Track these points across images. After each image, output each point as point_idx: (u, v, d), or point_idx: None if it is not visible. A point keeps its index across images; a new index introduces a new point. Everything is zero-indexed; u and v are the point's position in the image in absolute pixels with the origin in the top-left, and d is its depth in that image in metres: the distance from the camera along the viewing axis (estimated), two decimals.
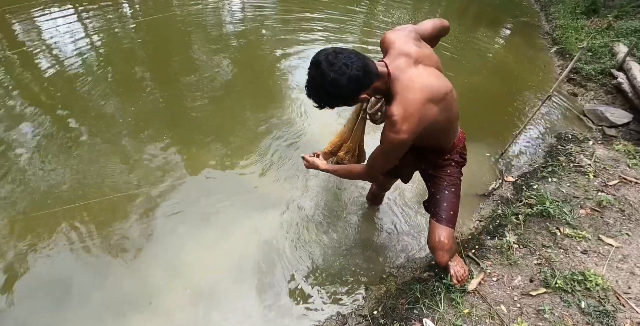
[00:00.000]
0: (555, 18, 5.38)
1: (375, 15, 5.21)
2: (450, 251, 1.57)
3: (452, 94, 1.30)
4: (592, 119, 3.15)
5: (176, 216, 2.21)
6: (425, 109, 1.19)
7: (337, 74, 1.09)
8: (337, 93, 1.14)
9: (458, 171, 1.59)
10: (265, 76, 3.60)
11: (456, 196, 1.58)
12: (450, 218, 1.55)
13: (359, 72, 1.10)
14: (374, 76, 1.16)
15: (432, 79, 1.23)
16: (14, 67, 3.45)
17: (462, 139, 1.58)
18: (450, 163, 1.56)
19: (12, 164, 2.42)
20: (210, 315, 1.79)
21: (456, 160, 1.57)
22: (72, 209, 2.19)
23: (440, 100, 1.23)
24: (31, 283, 1.85)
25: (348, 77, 1.09)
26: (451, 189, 1.57)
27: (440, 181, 1.58)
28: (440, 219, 1.55)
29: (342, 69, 1.08)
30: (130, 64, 3.59)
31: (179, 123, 2.90)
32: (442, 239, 1.53)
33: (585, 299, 1.67)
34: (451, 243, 1.55)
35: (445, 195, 1.56)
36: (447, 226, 1.54)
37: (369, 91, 1.18)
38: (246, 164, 2.57)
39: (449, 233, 1.54)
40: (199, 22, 4.48)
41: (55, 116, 2.89)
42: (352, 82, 1.11)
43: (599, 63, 3.79)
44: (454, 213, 1.56)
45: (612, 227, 2.03)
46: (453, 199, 1.56)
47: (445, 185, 1.57)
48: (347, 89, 1.13)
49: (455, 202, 1.57)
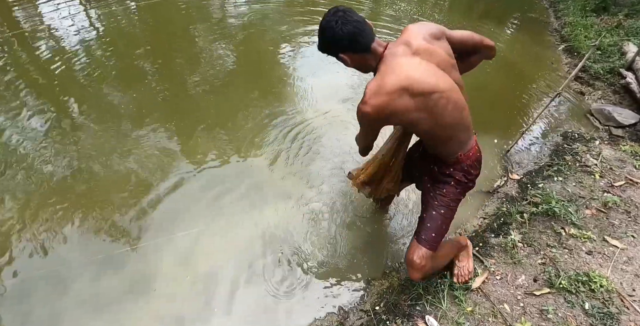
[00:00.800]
0: (564, 15, 5.29)
1: (381, 9, 5.12)
2: (422, 271, 1.46)
3: (446, 96, 1.22)
4: (599, 119, 3.12)
5: (181, 205, 2.19)
6: (396, 95, 1.17)
7: (327, 24, 1.21)
8: (321, 38, 1.26)
9: (457, 193, 1.47)
10: (268, 65, 3.54)
11: (444, 219, 1.47)
12: (431, 239, 1.44)
13: (343, 34, 1.19)
14: (358, 46, 1.23)
15: (422, 73, 1.19)
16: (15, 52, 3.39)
17: (472, 156, 1.44)
18: (449, 181, 1.46)
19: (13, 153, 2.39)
20: (211, 305, 1.77)
21: (457, 178, 1.45)
22: (74, 198, 2.17)
23: (419, 95, 1.18)
24: (34, 270, 1.84)
25: (333, 32, 1.20)
26: (440, 210, 1.46)
27: (432, 200, 1.48)
28: (419, 239, 1.45)
29: (332, 23, 1.19)
30: (133, 52, 3.53)
31: (183, 112, 2.87)
32: (415, 259, 1.43)
33: (589, 300, 1.66)
34: (424, 264, 1.44)
35: (432, 216, 1.46)
36: (424, 246, 1.44)
37: (352, 55, 1.26)
38: (252, 155, 2.54)
39: (424, 253, 1.43)
40: (201, 7, 4.39)
41: (56, 103, 2.86)
42: (331, 37, 1.22)
43: (607, 62, 3.73)
44: (435, 235, 1.45)
45: (618, 228, 2.02)
46: (439, 222, 1.45)
47: (435, 205, 1.47)
48: (327, 39, 1.25)
49: (441, 224, 1.46)
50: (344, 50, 1.25)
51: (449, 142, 1.39)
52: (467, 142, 1.42)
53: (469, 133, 1.41)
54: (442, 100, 1.22)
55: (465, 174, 1.46)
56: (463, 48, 1.41)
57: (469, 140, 1.43)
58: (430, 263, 1.47)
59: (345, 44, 1.22)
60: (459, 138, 1.38)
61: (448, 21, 4.96)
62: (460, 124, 1.34)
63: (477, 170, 1.50)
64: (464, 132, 1.38)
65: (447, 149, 1.42)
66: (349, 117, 2.85)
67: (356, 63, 1.29)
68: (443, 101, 1.22)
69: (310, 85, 3.24)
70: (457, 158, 1.42)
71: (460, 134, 1.37)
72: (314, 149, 2.61)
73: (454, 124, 1.32)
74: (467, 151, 1.43)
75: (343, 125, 2.80)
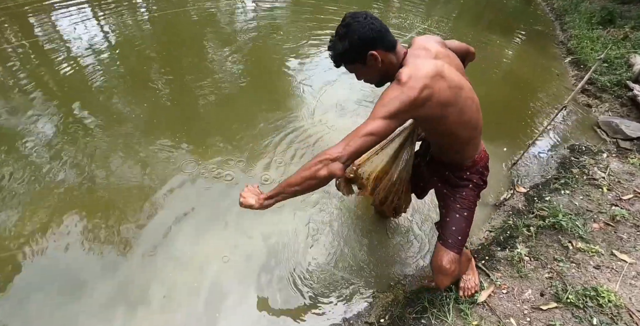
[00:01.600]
0: (570, 27, 5.33)
1: (387, 21, 5.20)
2: (452, 275, 1.48)
3: (470, 95, 1.25)
4: (606, 131, 3.11)
5: (185, 210, 2.21)
6: (434, 79, 1.12)
7: (353, 19, 1.15)
8: (349, 38, 1.15)
9: (474, 195, 1.51)
10: (275, 75, 3.60)
11: (467, 221, 1.49)
12: (457, 242, 1.46)
13: (374, 28, 1.14)
14: (387, 43, 1.18)
15: (449, 71, 1.19)
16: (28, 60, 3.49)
17: (484, 158, 1.50)
18: (467, 184, 1.48)
19: (23, 156, 2.45)
20: (213, 313, 1.78)
21: (475, 181, 1.48)
22: (81, 202, 2.21)
23: (453, 86, 1.17)
24: (41, 274, 1.87)
25: (364, 27, 1.14)
26: (463, 213, 1.48)
27: (453, 204, 1.50)
28: (446, 243, 1.47)
29: (361, 19, 1.14)
30: (143, 61, 3.61)
31: (191, 120, 2.91)
32: (444, 264, 1.44)
33: (597, 315, 1.64)
34: (453, 268, 1.46)
35: (456, 219, 1.48)
36: (452, 250, 1.45)
37: (382, 54, 1.18)
38: (257, 163, 2.56)
39: (453, 258, 1.45)
40: (211, 19, 4.50)
41: (66, 109, 2.92)
42: (362, 33, 1.14)
43: (614, 74, 3.74)
44: (461, 238, 1.47)
45: (626, 242, 2.00)
46: (463, 224, 1.48)
47: (457, 208, 1.49)
48: (356, 37, 1.15)
49: (465, 227, 1.48)
50: (375, 47, 1.17)
51: (468, 145, 1.39)
52: (480, 144, 1.47)
53: (481, 136, 1.44)
54: (469, 100, 1.24)
55: (480, 176, 1.50)
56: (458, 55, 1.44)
57: (480, 142, 1.47)
58: (458, 267, 1.49)
59: (377, 38, 1.15)
60: (476, 140, 1.41)
61: (454, 32, 5.01)
62: (478, 125, 1.36)
63: (488, 171, 1.53)
64: (479, 134, 1.41)
65: (465, 153, 1.43)
66: None
67: (384, 64, 1.20)
68: (469, 101, 1.25)
69: (319, 96, 3.29)
70: (473, 161, 1.46)
71: (477, 136, 1.40)
72: None
73: (475, 124, 1.32)
74: (480, 152, 1.47)
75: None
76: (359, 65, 1.22)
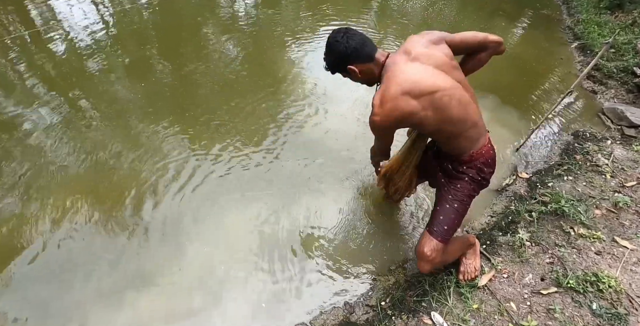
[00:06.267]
0: (577, 12, 5.19)
1: (389, 3, 5.07)
2: (432, 263, 1.49)
3: (448, 93, 1.28)
4: (611, 118, 3.07)
5: (189, 199, 2.21)
6: (400, 100, 1.26)
7: (333, 41, 1.35)
8: (331, 55, 1.39)
9: (470, 189, 1.50)
10: (275, 65, 3.53)
11: (457, 213, 1.50)
12: (442, 231, 1.48)
13: (349, 46, 1.33)
14: (363, 57, 1.35)
15: (422, 76, 1.28)
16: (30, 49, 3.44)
17: (485, 154, 1.46)
18: (463, 177, 1.48)
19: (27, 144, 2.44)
20: (217, 297, 1.79)
21: (471, 176, 1.48)
22: (83, 191, 2.20)
23: (421, 95, 1.26)
24: (48, 259, 1.89)
25: (340, 46, 1.34)
26: (453, 204, 1.49)
27: (446, 194, 1.51)
28: (431, 231, 1.49)
29: (338, 38, 1.34)
30: (143, 49, 3.55)
31: (191, 107, 2.88)
32: (425, 251, 1.47)
33: (597, 300, 1.64)
34: (434, 256, 1.47)
35: (445, 209, 1.50)
36: (435, 238, 1.47)
37: (359, 66, 1.37)
38: (259, 151, 2.54)
39: (435, 245, 1.46)
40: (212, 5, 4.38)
41: (67, 97, 2.90)
42: (338, 52, 1.35)
43: (621, 60, 3.67)
44: (447, 228, 1.48)
45: (628, 229, 1.99)
46: (452, 215, 1.49)
47: (449, 199, 1.50)
48: (335, 55, 1.37)
49: (454, 219, 1.49)
50: (352, 62, 1.36)
51: (459, 139, 1.41)
52: (478, 140, 1.44)
53: (478, 130, 1.42)
54: (445, 97, 1.28)
55: (478, 172, 1.48)
56: (469, 47, 1.44)
57: (479, 137, 1.44)
58: (440, 256, 1.50)
59: (352, 55, 1.34)
60: (468, 134, 1.40)
61: (459, 16, 4.89)
62: (467, 120, 1.36)
63: (490, 168, 1.51)
64: (472, 128, 1.39)
65: (458, 146, 1.44)
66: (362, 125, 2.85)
67: (363, 74, 1.39)
68: (446, 98, 1.28)
69: (318, 85, 3.23)
70: (470, 156, 1.44)
71: (469, 130, 1.39)
72: (321, 147, 2.60)
73: (461, 120, 1.36)
74: (479, 148, 1.44)
75: (350, 126, 2.80)
76: (344, 74, 1.45)
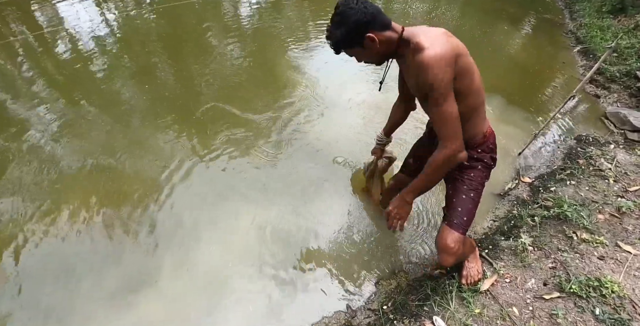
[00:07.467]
0: (580, 16, 5.20)
1: (391, 6, 5.09)
2: (456, 255, 1.49)
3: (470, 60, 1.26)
4: (614, 122, 3.07)
5: (190, 201, 2.21)
6: (449, 39, 1.19)
7: (346, 7, 1.20)
8: (344, 24, 1.21)
9: (483, 176, 1.51)
10: (278, 67, 3.55)
11: (474, 202, 1.50)
12: (462, 223, 1.48)
13: (367, 12, 1.19)
14: (382, 23, 1.23)
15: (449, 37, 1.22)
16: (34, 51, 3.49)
17: (492, 133, 1.51)
18: (477, 165, 1.49)
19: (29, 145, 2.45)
20: (219, 300, 1.79)
21: (485, 161, 1.49)
22: (85, 192, 2.21)
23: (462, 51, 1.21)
24: (46, 260, 1.89)
25: (358, 12, 1.19)
26: (470, 194, 1.49)
27: (460, 185, 1.51)
28: (451, 224, 1.49)
29: (354, 5, 1.19)
30: (147, 52, 3.59)
31: (195, 109, 2.89)
32: (449, 243, 1.47)
33: (600, 306, 1.64)
34: (457, 247, 1.48)
35: (462, 200, 1.50)
36: (457, 231, 1.47)
37: (378, 35, 1.22)
38: (258, 154, 2.55)
39: (458, 237, 1.47)
40: (215, 8, 4.41)
41: (71, 99, 2.93)
42: (356, 18, 1.19)
43: (624, 65, 3.67)
44: (467, 219, 1.49)
45: (631, 234, 1.99)
46: (469, 206, 1.49)
47: (464, 189, 1.50)
48: (352, 22, 1.20)
49: (472, 208, 1.50)
50: (370, 29, 1.22)
51: (475, 115, 1.38)
52: (485, 119, 1.46)
53: (484, 108, 1.44)
54: (470, 62, 1.26)
55: (491, 155, 1.51)
56: None
57: (485, 117, 1.46)
58: (462, 248, 1.51)
59: (371, 22, 1.21)
60: (482, 110, 1.41)
61: (461, 20, 4.91)
62: (482, 93, 1.36)
63: (496, 148, 1.54)
64: (483, 105, 1.41)
65: (474, 125, 1.42)
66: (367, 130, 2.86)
67: (382, 44, 1.24)
68: (470, 63, 1.26)
69: (321, 88, 3.25)
70: (484, 135, 1.46)
71: (482, 106, 1.40)
72: (326, 150, 2.62)
73: (481, 90, 1.35)
74: (488, 127, 1.48)
75: (354, 131, 2.81)
76: (358, 49, 1.28)
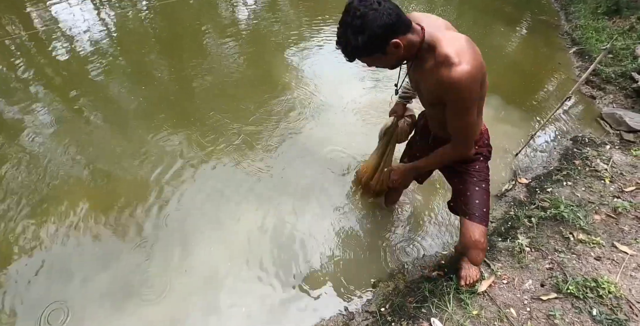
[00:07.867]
0: (575, 18, 5.24)
1: None
2: (484, 250, 1.49)
3: None
4: (610, 123, 3.08)
5: (189, 204, 2.21)
6: (475, 50, 1.08)
7: (367, 8, 1.00)
8: (368, 30, 1.01)
9: (486, 167, 1.53)
10: (275, 68, 3.55)
11: (487, 192, 1.51)
12: (484, 215, 1.47)
13: (392, 13, 1.02)
14: (407, 23, 1.07)
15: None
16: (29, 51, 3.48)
17: (487, 130, 1.52)
18: (478, 157, 1.50)
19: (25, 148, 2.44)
20: (217, 303, 1.79)
21: (484, 154, 1.51)
22: (83, 195, 2.21)
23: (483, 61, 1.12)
24: (49, 262, 1.90)
25: (383, 15, 1.00)
26: (482, 185, 1.49)
27: (470, 178, 1.50)
28: (473, 217, 1.47)
29: (375, 7, 1.00)
30: (143, 52, 3.58)
31: (193, 111, 2.89)
32: (478, 238, 1.45)
33: (597, 306, 1.64)
34: (484, 241, 1.47)
35: (477, 192, 1.49)
36: (481, 223, 1.46)
37: (403, 39, 1.07)
38: (258, 158, 2.55)
39: (484, 230, 1.46)
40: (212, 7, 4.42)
41: (67, 99, 2.91)
42: (383, 21, 1.01)
43: (619, 66, 3.69)
44: (486, 211, 1.48)
45: (627, 234, 2.00)
46: (485, 196, 1.49)
47: (475, 181, 1.49)
48: (378, 26, 1.01)
49: (487, 199, 1.50)
50: (397, 34, 1.06)
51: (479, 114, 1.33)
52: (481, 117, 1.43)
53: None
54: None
55: (487, 149, 1.52)
56: None
57: None
58: (487, 241, 1.52)
59: (396, 24, 1.04)
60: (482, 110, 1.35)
61: (458, 21, 4.93)
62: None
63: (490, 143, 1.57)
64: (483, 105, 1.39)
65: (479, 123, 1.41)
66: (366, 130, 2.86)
67: (406, 49, 1.10)
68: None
69: (320, 90, 3.26)
70: (480, 132, 1.47)
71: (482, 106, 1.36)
72: (324, 154, 2.62)
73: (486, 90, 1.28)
74: (483, 124, 1.49)
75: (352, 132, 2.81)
76: (379, 55, 1.11)
